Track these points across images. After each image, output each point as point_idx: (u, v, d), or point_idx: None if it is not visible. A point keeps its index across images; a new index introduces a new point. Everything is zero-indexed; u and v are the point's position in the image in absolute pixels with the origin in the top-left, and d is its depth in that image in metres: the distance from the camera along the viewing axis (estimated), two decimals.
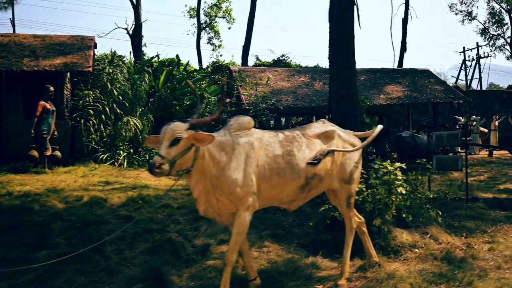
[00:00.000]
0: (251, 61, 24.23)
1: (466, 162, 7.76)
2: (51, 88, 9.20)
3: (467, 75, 38.94)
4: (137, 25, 20.12)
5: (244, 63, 21.62)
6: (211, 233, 5.33)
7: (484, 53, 38.10)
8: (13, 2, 23.18)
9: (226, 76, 16.39)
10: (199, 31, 27.65)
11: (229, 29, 30.56)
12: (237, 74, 13.89)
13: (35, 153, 8.99)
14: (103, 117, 10.88)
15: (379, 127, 4.41)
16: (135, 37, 19.91)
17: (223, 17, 29.69)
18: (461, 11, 35.07)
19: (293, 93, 13.60)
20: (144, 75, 12.73)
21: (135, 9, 20.09)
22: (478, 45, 38.23)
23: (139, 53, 19.08)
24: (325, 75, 14.01)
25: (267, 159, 3.75)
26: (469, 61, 39.28)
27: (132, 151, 10.82)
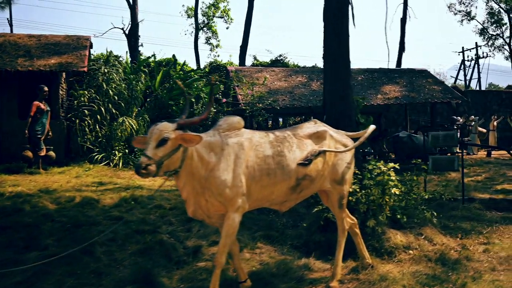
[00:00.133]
0: (249, 61, 24.16)
1: (462, 162, 7.71)
2: (45, 88, 9.13)
3: (466, 75, 38.90)
4: (133, 25, 20.00)
5: (241, 63, 21.54)
6: (203, 234, 5.28)
7: (483, 53, 38.08)
8: (10, 2, 23.07)
9: (223, 76, 16.31)
10: (197, 31, 27.55)
11: (227, 29, 30.57)
12: (233, 74, 13.82)
13: (29, 153, 8.93)
14: (99, 117, 10.82)
15: (371, 127, 4.37)
16: (131, 37, 19.81)
17: (220, 17, 29.60)
18: (460, 11, 35.07)
19: (290, 93, 13.53)
20: (140, 75, 12.66)
21: (132, 9, 19.99)
22: (477, 45, 38.19)
23: (135, 53, 18.99)
24: (323, 75, 13.91)
25: (257, 159, 3.70)
26: (468, 61, 39.25)
27: (127, 151, 10.76)
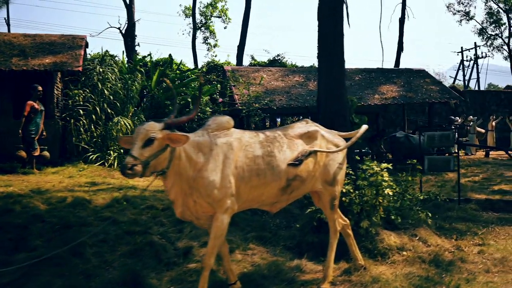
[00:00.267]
0: (247, 61, 24.12)
1: (458, 162, 7.65)
2: (39, 87, 9.07)
3: (464, 75, 38.84)
4: (130, 24, 19.92)
5: (239, 63, 21.48)
6: (195, 235, 5.22)
7: (482, 53, 38.03)
8: (8, 1, 23.02)
9: (220, 76, 16.25)
10: (195, 30, 27.46)
11: (225, 28, 30.46)
12: (230, 73, 13.76)
13: (23, 153, 8.86)
14: (94, 117, 10.75)
15: (364, 127, 4.32)
16: (128, 36, 19.73)
17: (218, 16, 29.50)
18: (458, 11, 34.97)
19: (287, 93, 13.47)
20: (136, 75, 12.58)
21: (128, 8, 19.89)
22: (476, 45, 38.13)
23: (132, 53, 18.90)
24: None
25: (246, 160, 3.64)
26: (467, 61, 39.20)
27: (122, 151, 10.69)
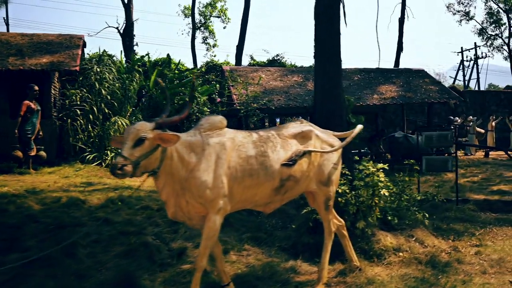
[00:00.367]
0: (246, 61, 24.06)
1: (456, 163, 7.61)
2: (35, 87, 9.03)
3: (464, 75, 38.78)
4: (128, 24, 19.85)
5: (238, 63, 21.42)
6: (189, 236, 5.18)
7: (482, 54, 37.96)
8: (7, 1, 22.99)
9: (219, 76, 16.20)
10: (194, 30, 27.39)
11: (224, 28, 30.36)
12: (228, 73, 13.71)
13: (19, 153, 8.82)
14: (91, 117, 10.71)
15: (359, 127, 4.27)
16: (126, 36, 19.69)
17: (218, 16, 29.44)
18: (458, 11, 34.95)
19: (286, 93, 13.42)
20: (134, 75, 12.54)
21: (126, 8, 19.84)
22: (476, 45, 38.07)
23: (130, 53, 18.85)
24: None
25: (239, 160, 3.60)
26: (467, 61, 39.12)
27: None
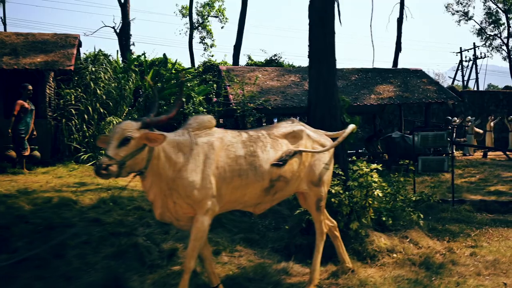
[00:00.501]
0: (243, 61, 23.99)
1: (452, 163, 7.57)
2: (29, 86, 8.96)
3: (463, 75, 38.71)
4: (124, 23, 19.75)
5: (235, 62, 21.34)
6: (181, 237, 5.11)
7: (481, 54, 37.88)
8: (4, 0, 22.92)
9: (216, 75, 16.14)
10: (191, 30, 27.30)
11: (222, 28, 30.29)
12: (225, 73, 13.65)
13: (12, 153, 8.74)
14: (86, 116, 10.64)
15: (350, 127, 4.22)
16: (122, 35, 19.59)
17: (215, 16, 29.38)
18: (457, 11, 34.92)
19: (282, 93, 13.35)
20: (130, 74, 12.45)
21: (123, 7, 19.74)
22: (475, 46, 38.00)
23: (127, 52, 18.77)
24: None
25: (228, 160, 3.54)
26: (466, 61, 39.05)
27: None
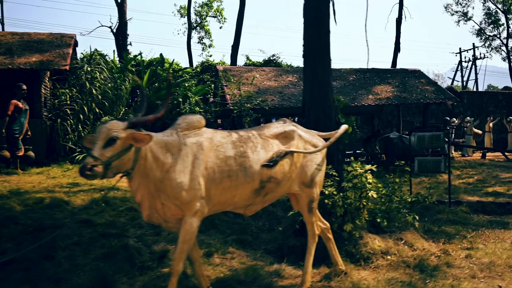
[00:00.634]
0: (242, 61, 23.94)
1: (449, 164, 7.50)
2: (23, 86, 8.90)
3: (463, 76, 38.66)
4: (121, 23, 19.65)
5: (233, 62, 21.27)
6: (173, 238, 5.04)
7: (480, 54, 37.83)
8: (1, 0, 22.84)
9: (214, 75, 16.08)
10: (190, 30, 27.25)
11: (220, 28, 30.20)
12: (222, 73, 13.58)
13: (6, 153, 8.68)
14: (81, 116, 10.57)
15: (343, 127, 4.15)
16: (119, 35, 19.52)
17: (214, 16, 29.32)
18: (456, 12, 34.89)
19: (280, 93, 13.29)
20: (127, 74, 12.38)
21: (119, 7, 19.67)
22: (474, 46, 37.95)
23: (124, 52, 18.71)
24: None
25: (217, 160, 3.48)
26: (465, 62, 39.00)
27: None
